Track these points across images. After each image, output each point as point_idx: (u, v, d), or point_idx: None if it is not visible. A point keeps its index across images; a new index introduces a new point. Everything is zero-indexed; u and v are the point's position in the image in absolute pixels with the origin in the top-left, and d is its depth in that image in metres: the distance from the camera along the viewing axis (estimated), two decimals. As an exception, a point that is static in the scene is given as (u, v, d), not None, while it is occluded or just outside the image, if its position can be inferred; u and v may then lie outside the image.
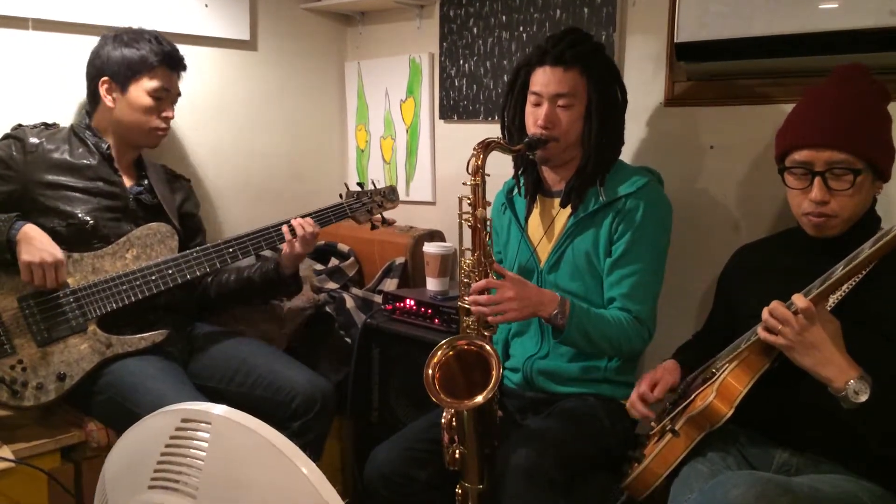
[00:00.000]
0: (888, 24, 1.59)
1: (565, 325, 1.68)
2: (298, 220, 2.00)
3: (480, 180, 1.71)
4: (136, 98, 1.97)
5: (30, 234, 1.78)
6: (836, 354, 1.33)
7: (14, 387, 1.76)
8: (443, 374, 1.64)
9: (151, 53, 1.97)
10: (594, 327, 1.71)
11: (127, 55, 1.96)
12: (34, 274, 1.77)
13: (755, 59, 1.82)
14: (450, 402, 1.61)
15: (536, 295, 1.69)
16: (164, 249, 1.96)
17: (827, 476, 1.41)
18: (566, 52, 1.75)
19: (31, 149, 1.90)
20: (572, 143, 1.81)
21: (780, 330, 1.36)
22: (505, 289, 1.65)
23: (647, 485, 1.57)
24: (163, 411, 1.24)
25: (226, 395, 1.92)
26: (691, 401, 1.54)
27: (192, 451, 1.20)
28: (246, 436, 1.12)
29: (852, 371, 1.31)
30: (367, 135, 2.93)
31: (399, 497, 1.75)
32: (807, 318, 1.32)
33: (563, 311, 1.68)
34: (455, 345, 1.68)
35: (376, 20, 2.87)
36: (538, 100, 1.79)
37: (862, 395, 1.29)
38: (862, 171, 1.43)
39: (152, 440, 1.24)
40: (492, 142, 1.73)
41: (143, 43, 1.97)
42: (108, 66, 1.96)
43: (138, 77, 1.96)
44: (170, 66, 2.01)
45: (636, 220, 1.76)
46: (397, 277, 2.52)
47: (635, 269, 1.76)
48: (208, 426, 1.17)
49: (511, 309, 1.64)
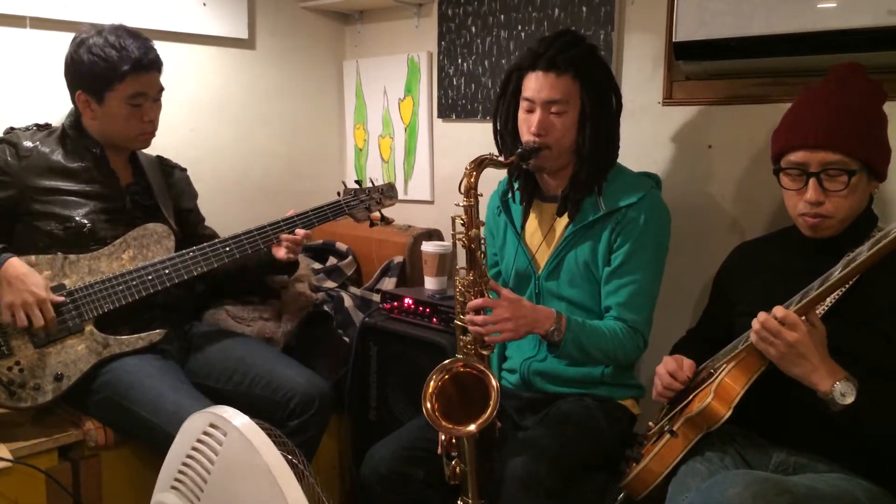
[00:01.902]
0: (886, 24, 1.59)
1: (561, 341, 1.68)
2: (290, 236, 1.99)
3: (473, 201, 1.67)
4: (113, 109, 1.89)
5: (11, 272, 1.74)
6: (821, 361, 1.34)
7: (11, 388, 1.76)
8: (440, 396, 1.62)
9: (120, 61, 1.84)
10: (590, 340, 1.71)
11: (95, 66, 1.84)
12: (17, 318, 1.73)
13: (754, 59, 1.82)
14: (451, 429, 1.60)
15: (532, 313, 1.67)
16: (161, 250, 1.95)
17: (824, 475, 1.42)
18: (558, 57, 1.71)
19: (24, 153, 1.88)
20: (566, 150, 1.78)
21: (771, 341, 1.37)
22: (501, 309, 1.63)
23: (646, 484, 1.57)
24: (202, 412, 1.27)
25: (224, 394, 1.92)
26: (689, 401, 1.55)
27: (204, 460, 1.22)
28: (251, 454, 1.14)
29: (837, 374, 1.33)
30: (365, 134, 2.93)
31: (396, 496, 1.76)
32: (790, 327, 1.34)
33: (559, 327, 1.68)
34: (453, 368, 1.65)
35: (375, 19, 2.87)
36: (531, 106, 1.76)
37: (848, 397, 1.31)
38: (857, 172, 1.43)
39: (186, 441, 1.28)
40: (484, 159, 1.69)
41: (108, 49, 1.84)
42: (79, 79, 1.88)
43: (110, 88, 1.86)
44: (142, 70, 1.88)
45: (636, 231, 1.75)
46: (395, 276, 2.52)
47: (633, 279, 1.75)
48: (224, 436, 1.19)
49: (507, 329, 1.63)
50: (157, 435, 1.72)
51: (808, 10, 1.67)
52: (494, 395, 1.58)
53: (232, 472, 1.19)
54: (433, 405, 1.60)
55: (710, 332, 1.72)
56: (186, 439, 1.28)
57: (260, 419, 1.29)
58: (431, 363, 2.06)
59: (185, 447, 1.27)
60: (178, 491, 1.28)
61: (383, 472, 1.74)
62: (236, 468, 1.18)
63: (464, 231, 1.69)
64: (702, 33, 1.81)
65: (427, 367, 2.10)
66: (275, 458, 1.12)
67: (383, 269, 2.57)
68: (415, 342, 2.16)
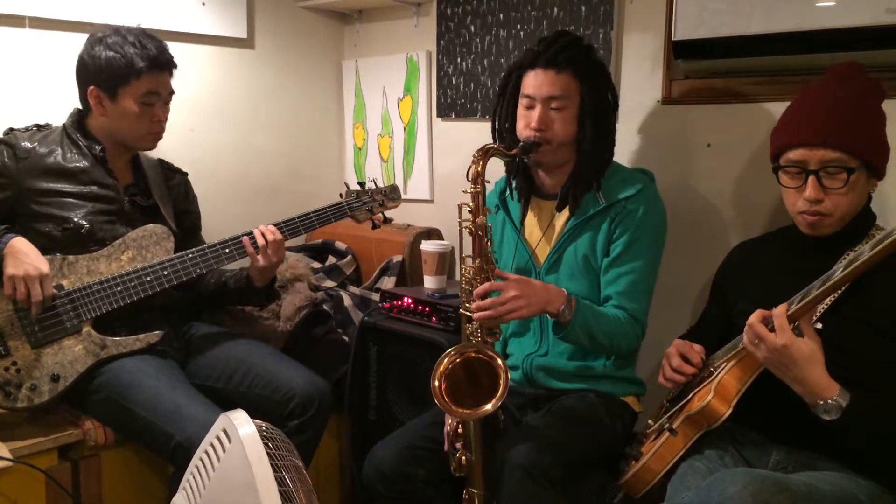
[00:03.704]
0: (884, 23, 1.59)
1: (570, 321, 1.68)
2: (261, 227, 1.95)
3: (481, 188, 1.70)
4: (125, 106, 1.90)
5: (17, 247, 1.77)
6: (808, 375, 1.35)
7: (7, 388, 1.76)
8: (448, 382, 1.63)
9: (137, 58, 1.86)
10: (597, 324, 1.72)
11: (112, 62, 1.86)
12: (17, 288, 1.75)
13: (753, 57, 1.82)
14: (461, 413, 1.61)
15: (543, 291, 1.69)
16: (160, 251, 1.95)
17: (823, 473, 1.42)
18: (558, 55, 1.75)
19: (23, 154, 1.88)
20: (564, 146, 1.80)
21: (756, 344, 1.39)
22: (509, 289, 1.64)
23: (645, 482, 1.58)
24: (224, 414, 1.28)
25: (224, 394, 1.92)
26: (689, 400, 1.55)
27: (209, 466, 1.23)
28: (244, 470, 1.14)
29: (825, 392, 1.34)
30: (364, 133, 2.93)
31: (397, 495, 1.76)
32: (777, 331, 1.35)
33: (569, 306, 1.69)
34: (462, 352, 1.66)
35: (374, 18, 2.87)
36: (531, 102, 1.79)
37: (832, 414, 1.33)
38: (856, 170, 1.43)
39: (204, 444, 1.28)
40: (490, 148, 1.73)
41: (126, 46, 1.87)
42: (94, 75, 1.89)
43: (125, 84, 1.88)
44: (158, 69, 1.91)
45: (635, 221, 1.78)
46: (395, 275, 2.52)
47: (632, 268, 1.78)
48: (229, 444, 1.20)
49: (520, 307, 1.64)
50: (156, 434, 1.72)
51: (807, 9, 1.67)
52: (503, 376, 1.58)
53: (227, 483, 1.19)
54: (442, 390, 1.62)
55: (710, 331, 1.72)
56: (205, 442, 1.28)
57: (259, 420, 1.30)
58: (431, 362, 2.06)
59: (201, 450, 1.28)
60: (185, 493, 1.28)
61: (385, 471, 1.75)
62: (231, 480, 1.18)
63: (471, 218, 1.70)
64: (701, 32, 1.82)
65: (427, 366, 2.11)
66: (265, 477, 1.11)
67: (382, 269, 2.57)
68: (414, 341, 2.16)
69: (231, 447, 1.20)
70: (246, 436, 1.17)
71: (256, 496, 1.09)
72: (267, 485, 1.09)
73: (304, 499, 1.16)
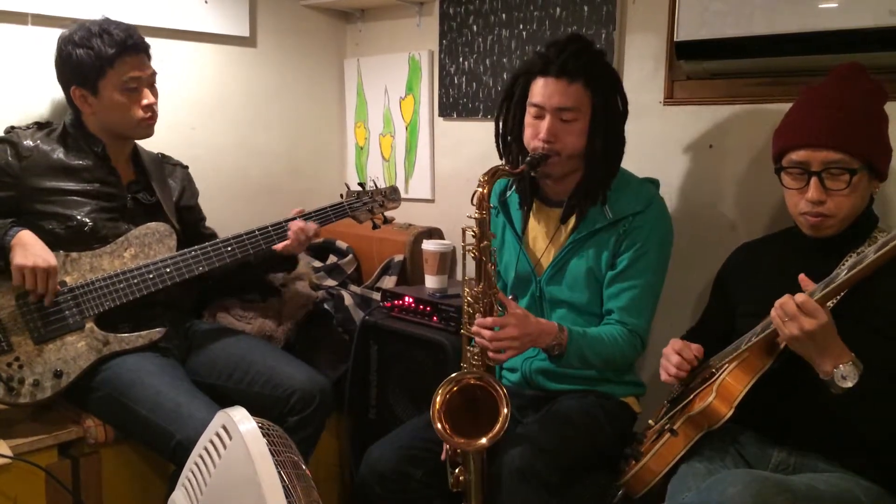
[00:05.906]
0: (887, 24, 1.59)
1: (563, 354, 1.69)
2: (300, 223, 1.99)
3: (486, 213, 1.63)
4: (110, 98, 1.89)
5: (25, 240, 1.78)
6: (832, 344, 1.34)
7: (10, 384, 1.76)
8: (448, 409, 1.62)
9: (105, 47, 1.84)
10: (591, 350, 1.71)
11: (82, 58, 1.85)
12: (26, 278, 1.76)
13: (755, 58, 1.82)
14: (458, 442, 1.60)
15: (536, 329, 1.66)
16: (163, 248, 1.95)
17: (824, 475, 1.42)
18: (570, 63, 1.67)
19: (25, 153, 1.88)
20: (574, 157, 1.75)
21: (785, 322, 1.36)
22: (509, 327, 1.62)
23: (645, 483, 1.57)
24: (223, 411, 1.27)
25: (224, 391, 1.92)
26: (690, 400, 1.55)
27: (210, 463, 1.23)
28: (246, 465, 1.14)
29: (843, 357, 1.33)
30: (366, 132, 2.93)
31: (394, 495, 1.75)
32: (808, 314, 1.33)
33: (560, 341, 1.68)
34: (462, 380, 1.65)
35: (376, 17, 2.87)
36: (539, 112, 1.72)
37: (849, 381, 1.31)
38: (858, 171, 1.43)
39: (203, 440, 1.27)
40: (497, 170, 1.66)
41: (93, 39, 1.84)
42: (71, 75, 1.88)
43: (102, 76, 1.86)
44: (130, 52, 1.88)
45: (641, 237, 1.75)
46: (396, 275, 2.52)
47: (635, 284, 1.76)
48: (230, 440, 1.20)
49: (511, 347, 1.62)
50: (156, 433, 1.72)
51: (810, 11, 1.67)
52: (505, 412, 1.58)
53: (228, 479, 1.19)
54: (444, 421, 1.61)
55: (711, 332, 1.72)
56: (204, 439, 1.28)
57: (260, 416, 1.30)
58: (431, 362, 2.06)
59: (200, 447, 1.27)
60: (185, 490, 1.28)
61: (382, 471, 1.74)
62: (233, 476, 1.18)
63: (474, 243, 1.65)
64: (703, 33, 1.81)
65: (427, 365, 2.12)
66: (268, 472, 1.11)
67: (384, 268, 2.57)
68: (415, 341, 2.16)
69: (232, 444, 1.20)
70: (247, 432, 1.17)
71: (259, 492, 1.09)
72: (270, 480, 1.09)
73: (302, 494, 1.16)
